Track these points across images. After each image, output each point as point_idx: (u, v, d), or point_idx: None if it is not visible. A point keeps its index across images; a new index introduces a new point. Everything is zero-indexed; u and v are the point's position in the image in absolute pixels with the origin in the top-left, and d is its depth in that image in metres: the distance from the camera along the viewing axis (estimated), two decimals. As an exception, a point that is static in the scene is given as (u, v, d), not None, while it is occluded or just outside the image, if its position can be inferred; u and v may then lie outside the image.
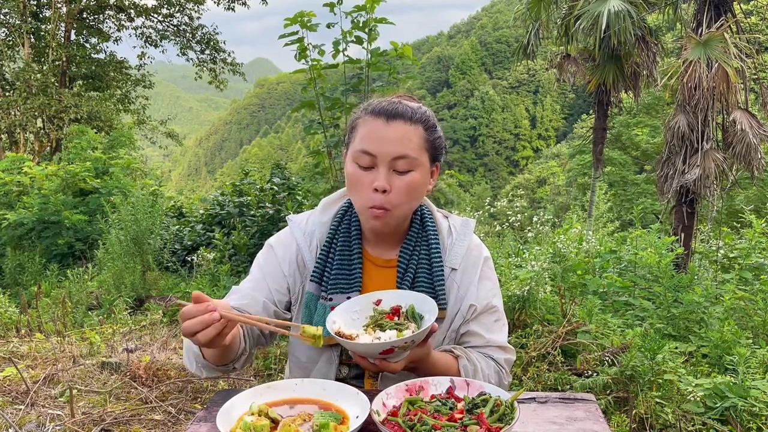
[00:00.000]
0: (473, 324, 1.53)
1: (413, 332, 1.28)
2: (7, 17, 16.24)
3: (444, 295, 1.49)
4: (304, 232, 1.57)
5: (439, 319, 1.46)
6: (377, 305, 1.41)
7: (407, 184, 1.41)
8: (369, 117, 1.43)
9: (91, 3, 16.97)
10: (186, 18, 17.89)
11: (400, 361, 1.32)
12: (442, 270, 1.50)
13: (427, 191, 1.52)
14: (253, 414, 1.16)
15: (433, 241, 1.52)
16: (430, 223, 1.55)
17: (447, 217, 1.62)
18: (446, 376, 1.40)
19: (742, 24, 9.40)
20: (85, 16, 17.14)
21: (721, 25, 8.35)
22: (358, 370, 1.54)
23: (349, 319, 1.38)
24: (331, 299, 1.48)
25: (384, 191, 1.39)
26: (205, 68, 18.23)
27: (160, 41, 18.08)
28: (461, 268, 1.53)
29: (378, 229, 1.46)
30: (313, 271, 1.51)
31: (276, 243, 1.59)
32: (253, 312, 1.47)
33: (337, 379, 1.49)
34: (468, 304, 1.52)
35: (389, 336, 1.28)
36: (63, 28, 16.49)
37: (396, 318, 1.36)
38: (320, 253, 1.53)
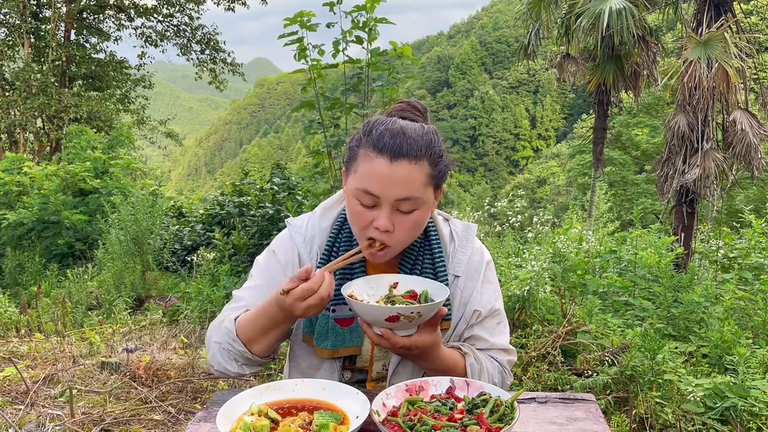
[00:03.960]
0: (477, 328, 1.52)
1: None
2: (7, 17, 16.25)
3: (449, 304, 1.48)
4: (304, 237, 1.55)
5: (443, 330, 1.46)
6: (394, 288, 1.41)
7: (411, 223, 1.38)
8: (372, 152, 1.34)
9: (91, 3, 16.98)
10: (186, 18, 17.92)
11: (406, 338, 1.29)
12: (447, 279, 1.49)
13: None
14: (253, 414, 1.16)
15: (436, 250, 1.51)
16: (432, 231, 1.54)
17: (448, 221, 1.60)
18: (453, 371, 1.41)
19: (742, 24, 9.40)
20: (85, 15, 17.15)
21: (721, 25, 8.35)
22: (361, 375, 1.54)
23: (365, 292, 1.38)
24: (333, 310, 1.47)
25: (386, 231, 1.36)
26: (205, 68, 18.23)
27: (160, 41, 18.09)
28: (464, 275, 1.52)
29: (377, 261, 1.44)
30: None
31: (278, 247, 1.56)
32: None
33: None
34: (472, 310, 1.51)
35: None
36: (63, 28, 16.50)
37: (410, 300, 1.36)
38: (320, 261, 1.51)
